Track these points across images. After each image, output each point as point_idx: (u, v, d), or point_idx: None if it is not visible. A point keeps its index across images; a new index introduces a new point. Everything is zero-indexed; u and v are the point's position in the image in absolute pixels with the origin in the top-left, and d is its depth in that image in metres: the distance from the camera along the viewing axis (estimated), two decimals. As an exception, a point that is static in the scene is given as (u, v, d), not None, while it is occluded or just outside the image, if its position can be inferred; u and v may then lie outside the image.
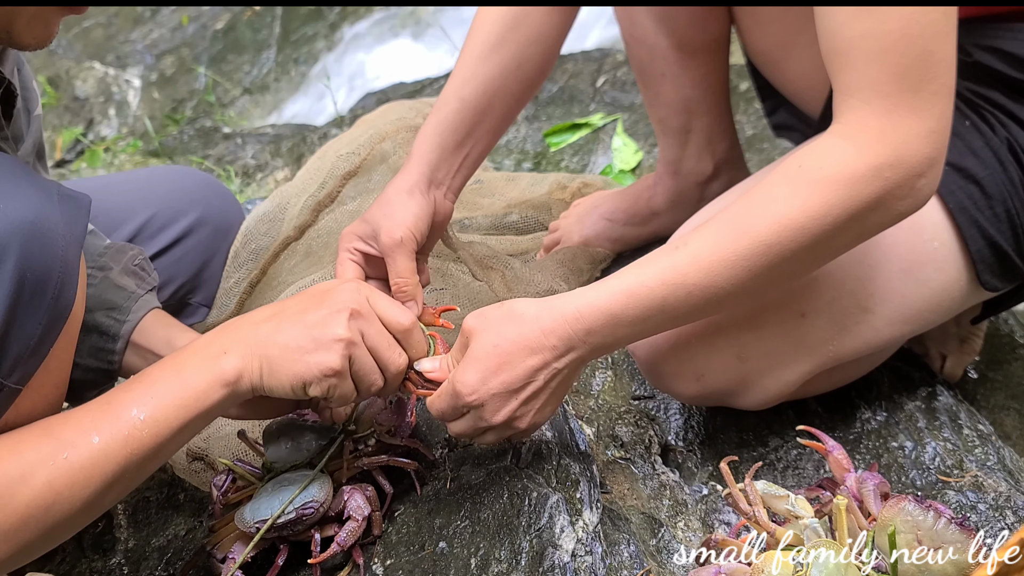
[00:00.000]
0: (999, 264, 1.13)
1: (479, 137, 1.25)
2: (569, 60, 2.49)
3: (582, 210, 1.59)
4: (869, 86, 0.92)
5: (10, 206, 0.80)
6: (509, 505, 1.07)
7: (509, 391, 0.99)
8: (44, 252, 0.81)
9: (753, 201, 0.97)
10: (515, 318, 0.99)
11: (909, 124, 0.92)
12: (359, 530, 1.06)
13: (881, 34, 0.90)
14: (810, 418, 1.27)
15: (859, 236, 0.98)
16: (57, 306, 0.84)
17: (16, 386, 0.84)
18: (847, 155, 0.93)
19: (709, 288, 0.96)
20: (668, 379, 1.19)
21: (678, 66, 1.39)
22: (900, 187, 0.93)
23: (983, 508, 1.12)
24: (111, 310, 1.15)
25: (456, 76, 1.25)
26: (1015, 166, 1.10)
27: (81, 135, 3.13)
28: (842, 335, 1.12)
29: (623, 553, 1.06)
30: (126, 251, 1.21)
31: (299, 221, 1.53)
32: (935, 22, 0.91)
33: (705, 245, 0.97)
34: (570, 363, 1.00)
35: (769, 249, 0.95)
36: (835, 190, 0.93)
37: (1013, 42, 1.10)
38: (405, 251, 1.16)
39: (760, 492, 0.95)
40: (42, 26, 0.87)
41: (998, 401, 1.50)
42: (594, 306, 0.98)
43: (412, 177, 1.21)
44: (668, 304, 0.97)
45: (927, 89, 0.92)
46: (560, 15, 1.26)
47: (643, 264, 0.99)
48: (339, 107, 2.93)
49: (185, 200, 1.43)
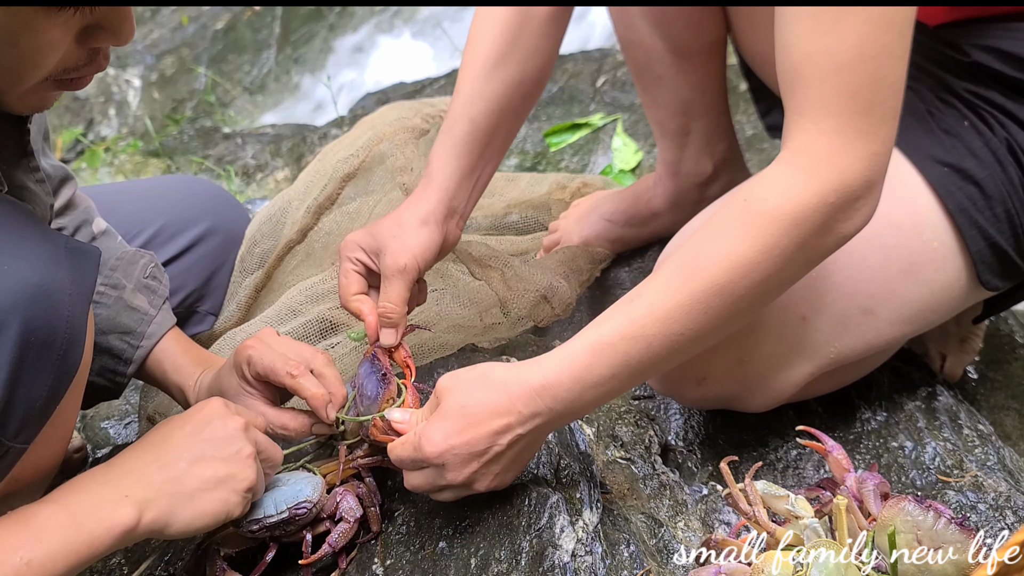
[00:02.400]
0: (999, 264, 1.13)
1: (489, 157, 1.25)
2: (569, 60, 2.49)
3: (582, 210, 1.59)
4: (820, 105, 0.91)
5: (14, 268, 0.79)
6: (509, 505, 1.07)
7: (471, 453, 0.98)
8: (49, 314, 0.81)
9: (702, 240, 0.97)
10: (485, 381, 1.00)
11: (855, 146, 0.91)
12: (351, 531, 1.06)
13: (836, 52, 0.90)
14: (810, 418, 1.27)
15: (808, 263, 0.98)
16: (63, 366, 0.83)
17: (22, 446, 0.83)
18: (792, 184, 0.93)
19: (668, 336, 0.96)
20: (671, 383, 1.19)
21: (675, 69, 1.39)
22: (842, 210, 0.93)
23: (983, 508, 1.12)
24: (125, 334, 1.16)
25: (461, 95, 1.24)
26: (1014, 166, 1.10)
27: (81, 135, 3.13)
28: (843, 337, 1.12)
29: (623, 553, 1.06)
30: (137, 260, 1.21)
31: (301, 224, 1.53)
32: (890, 44, 0.90)
33: (659, 293, 0.97)
34: (534, 429, 0.99)
35: (722, 289, 0.94)
36: (782, 222, 0.92)
37: (1011, 41, 1.10)
38: (404, 279, 1.16)
39: (760, 492, 0.95)
40: (37, 99, 0.86)
41: (998, 401, 1.50)
42: (559, 370, 0.98)
43: (430, 204, 1.20)
44: (631, 358, 0.97)
45: (876, 112, 0.91)
46: (555, 26, 1.26)
47: (602, 321, 0.99)
48: (339, 107, 2.93)
49: (195, 210, 1.44)
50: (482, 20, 1.25)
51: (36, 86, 0.83)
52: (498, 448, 0.99)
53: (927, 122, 1.13)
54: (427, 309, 1.38)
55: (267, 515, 1.04)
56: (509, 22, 1.24)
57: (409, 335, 1.18)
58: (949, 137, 1.11)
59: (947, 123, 1.12)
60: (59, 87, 0.85)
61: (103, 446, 1.54)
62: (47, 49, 0.79)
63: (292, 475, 1.10)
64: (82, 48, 0.82)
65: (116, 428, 1.58)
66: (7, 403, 0.79)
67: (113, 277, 1.18)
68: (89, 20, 0.80)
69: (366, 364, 1.14)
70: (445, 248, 1.23)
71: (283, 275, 1.50)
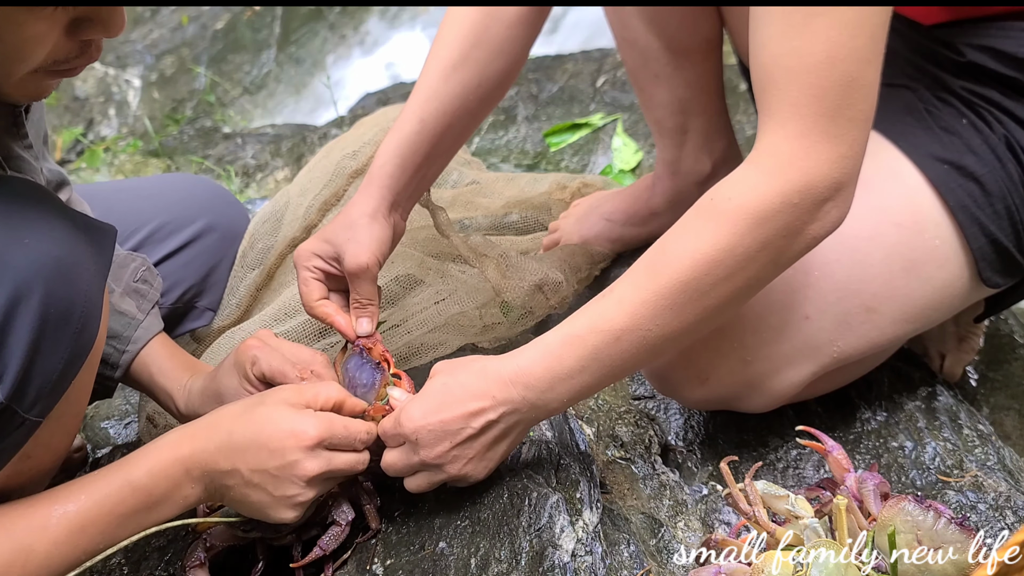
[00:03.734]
0: (1000, 261, 1.13)
1: (436, 157, 1.27)
2: (569, 60, 2.49)
3: (582, 210, 1.59)
4: (788, 107, 0.92)
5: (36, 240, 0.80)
6: (509, 505, 1.07)
7: (445, 431, 1.01)
8: (69, 288, 0.82)
9: (669, 239, 0.98)
10: (470, 366, 1.03)
11: (820, 149, 0.92)
12: (342, 535, 1.06)
13: (806, 54, 0.90)
14: (810, 418, 1.27)
15: (775, 265, 0.97)
16: (80, 341, 0.84)
17: (37, 419, 0.84)
18: (756, 184, 0.93)
19: (637, 331, 0.97)
20: (673, 384, 1.19)
21: (671, 67, 1.39)
22: (808, 212, 0.93)
23: (983, 508, 1.12)
24: (112, 338, 1.16)
25: (417, 94, 1.25)
26: (1014, 163, 1.10)
27: (81, 135, 3.13)
28: (846, 335, 1.12)
29: (623, 553, 1.06)
30: (128, 263, 1.21)
31: (305, 221, 1.53)
32: (862, 47, 0.90)
33: (628, 288, 0.98)
34: (506, 417, 1.01)
35: (687, 286, 0.95)
36: (744, 221, 0.93)
37: (1006, 40, 1.10)
38: (370, 276, 1.19)
39: (760, 492, 0.95)
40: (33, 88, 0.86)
41: (998, 401, 1.50)
42: (532, 360, 1.00)
43: (374, 201, 1.22)
44: (601, 352, 0.98)
45: (844, 115, 0.91)
46: (524, 28, 1.26)
47: (577, 315, 1.01)
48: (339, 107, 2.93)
49: (195, 207, 1.45)
50: (450, 19, 1.26)
51: (29, 76, 0.83)
52: (470, 431, 1.00)
53: (926, 120, 1.13)
54: (427, 308, 1.38)
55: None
56: (475, 23, 1.24)
57: (408, 337, 1.19)
58: (948, 135, 1.11)
59: (946, 121, 1.12)
60: (53, 76, 0.85)
61: (103, 446, 1.54)
62: (34, 43, 0.79)
63: None
64: (73, 40, 0.82)
65: (116, 428, 1.58)
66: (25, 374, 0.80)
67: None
68: (77, 13, 0.80)
69: (354, 358, 1.17)
70: (395, 240, 1.26)
71: (283, 274, 1.50)
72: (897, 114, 1.15)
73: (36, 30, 0.78)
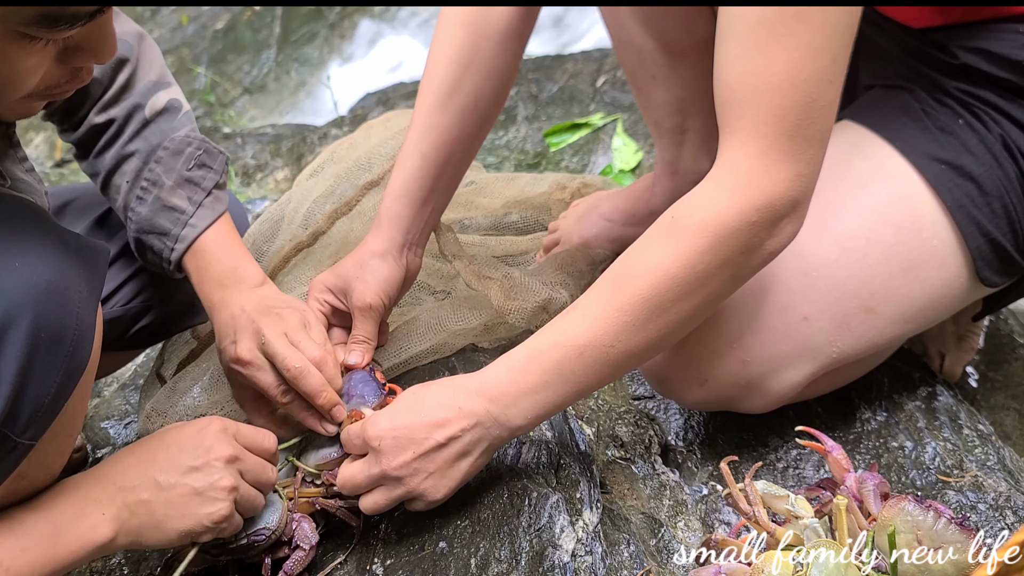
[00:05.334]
0: (998, 260, 1.13)
1: (443, 187, 1.27)
2: (569, 60, 2.49)
3: (581, 210, 1.59)
4: (748, 125, 0.93)
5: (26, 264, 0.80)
6: (509, 505, 1.07)
7: (409, 439, 1.01)
8: (60, 311, 0.81)
9: (631, 255, 0.99)
10: (440, 382, 1.05)
11: (779, 168, 0.93)
12: (307, 559, 1.07)
13: (769, 73, 0.91)
14: (810, 418, 1.27)
15: (735, 280, 0.99)
16: (72, 363, 0.84)
17: (30, 442, 0.84)
18: (716, 201, 0.95)
19: (599, 347, 0.98)
20: (673, 385, 1.19)
21: (668, 68, 1.39)
22: (766, 229, 0.95)
23: (983, 508, 1.12)
24: (162, 235, 1.17)
25: (415, 128, 1.25)
26: (1010, 162, 1.10)
27: (81, 135, 3.13)
28: (845, 336, 1.12)
29: (623, 553, 1.06)
30: (183, 149, 1.19)
31: (314, 228, 1.53)
32: (823, 69, 0.91)
33: (591, 303, 0.99)
34: (470, 432, 1.01)
35: (647, 302, 0.96)
36: (704, 238, 0.94)
37: (998, 42, 1.10)
38: (373, 315, 1.21)
39: (760, 492, 0.95)
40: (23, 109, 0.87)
41: (998, 401, 1.50)
42: (497, 373, 1.01)
43: (385, 242, 1.23)
44: (564, 367, 0.99)
45: (803, 135, 0.92)
46: (514, 41, 1.26)
47: (542, 331, 1.02)
48: (339, 107, 2.93)
49: None
50: (438, 44, 1.26)
51: (20, 100, 0.83)
52: (433, 442, 1.00)
53: (922, 121, 1.13)
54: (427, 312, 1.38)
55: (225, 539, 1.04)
56: (465, 44, 1.24)
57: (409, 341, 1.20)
58: (945, 135, 1.12)
59: (942, 121, 1.13)
60: (44, 98, 0.85)
61: (103, 446, 1.54)
62: (25, 75, 0.79)
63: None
64: (64, 67, 0.82)
65: (116, 428, 1.58)
66: (16, 399, 0.79)
67: (154, 172, 1.17)
68: (68, 43, 0.80)
69: (361, 373, 1.17)
70: (408, 278, 1.27)
71: (285, 274, 1.50)
72: (893, 115, 1.15)
73: (28, 64, 0.78)
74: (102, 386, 1.74)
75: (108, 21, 0.80)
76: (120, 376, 1.74)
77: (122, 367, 1.56)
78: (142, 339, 1.36)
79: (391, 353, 1.32)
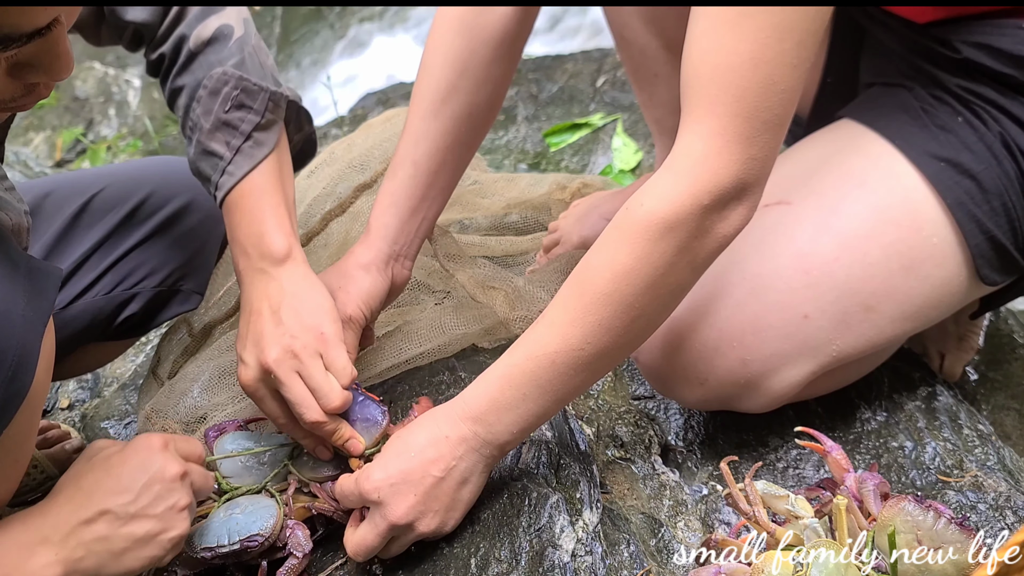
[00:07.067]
0: (998, 258, 1.13)
1: (434, 197, 1.26)
2: (569, 60, 2.49)
3: (581, 210, 1.59)
4: (706, 104, 0.91)
5: None
6: (509, 505, 1.07)
7: (407, 481, 0.99)
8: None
9: (591, 253, 0.98)
10: (421, 422, 1.03)
11: (732, 149, 0.91)
12: (299, 567, 1.06)
13: (732, 52, 0.89)
14: (810, 418, 1.27)
15: (693, 267, 0.97)
16: (10, 389, 0.80)
17: None
18: (668, 189, 0.93)
19: (570, 351, 0.97)
20: (672, 384, 1.19)
21: (670, 66, 1.39)
22: (716, 212, 0.93)
23: (983, 508, 1.12)
24: (206, 182, 1.14)
25: (407, 135, 1.23)
26: (1010, 160, 1.10)
27: (81, 135, 3.13)
28: (845, 335, 1.12)
29: (623, 553, 1.06)
30: (220, 89, 1.13)
31: (307, 228, 1.53)
32: (787, 52, 0.90)
33: (557, 310, 0.98)
34: (464, 457, 1.00)
35: (609, 299, 0.95)
36: (656, 227, 0.93)
37: (1001, 38, 1.10)
38: (353, 327, 1.19)
39: (760, 492, 0.95)
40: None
41: (998, 401, 1.50)
42: (476, 394, 1.00)
43: (370, 253, 1.22)
44: (540, 377, 0.98)
45: (760, 118, 0.91)
46: (509, 48, 1.24)
47: (515, 345, 1.01)
48: (339, 107, 2.93)
49: (177, 184, 1.38)
50: (431, 49, 1.24)
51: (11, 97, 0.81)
52: (432, 479, 0.99)
53: (921, 119, 1.13)
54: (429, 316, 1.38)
55: (219, 544, 1.04)
56: (460, 50, 1.22)
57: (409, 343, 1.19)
58: (944, 132, 1.12)
59: (941, 119, 1.12)
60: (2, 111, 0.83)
61: (103, 446, 1.53)
62: None
63: (253, 501, 1.09)
64: (17, 82, 0.79)
65: (116, 428, 1.58)
66: None
67: (195, 113, 1.14)
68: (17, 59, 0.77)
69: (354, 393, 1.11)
70: (394, 290, 1.25)
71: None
72: (893, 112, 1.15)
73: None
74: (102, 386, 1.74)
75: (60, 39, 0.77)
76: (120, 376, 1.74)
77: (115, 358, 1.54)
78: (132, 328, 1.34)
79: (391, 353, 1.32)
